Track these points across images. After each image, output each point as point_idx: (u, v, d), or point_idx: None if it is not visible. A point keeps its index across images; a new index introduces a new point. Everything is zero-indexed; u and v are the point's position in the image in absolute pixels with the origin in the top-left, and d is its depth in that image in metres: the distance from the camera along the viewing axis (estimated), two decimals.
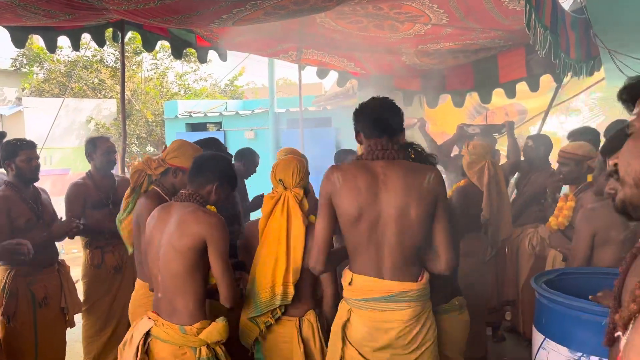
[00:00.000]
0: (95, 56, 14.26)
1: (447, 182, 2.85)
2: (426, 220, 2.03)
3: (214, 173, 2.26)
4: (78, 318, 3.56)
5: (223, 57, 4.57)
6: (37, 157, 3.20)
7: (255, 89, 18.10)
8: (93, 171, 3.74)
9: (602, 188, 2.42)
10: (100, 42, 4.01)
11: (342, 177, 2.04)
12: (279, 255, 2.27)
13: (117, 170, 4.15)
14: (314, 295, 2.38)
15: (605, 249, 2.42)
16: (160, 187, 2.64)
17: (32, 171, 3.14)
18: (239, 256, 2.62)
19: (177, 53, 4.29)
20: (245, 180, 4.21)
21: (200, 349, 2.09)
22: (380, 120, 2.08)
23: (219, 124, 10.28)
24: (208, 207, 2.25)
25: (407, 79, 5.51)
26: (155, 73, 15.09)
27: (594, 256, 2.46)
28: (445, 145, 4.66)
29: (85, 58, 13.70)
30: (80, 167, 10.07)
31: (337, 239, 2.57)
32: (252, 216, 4.16)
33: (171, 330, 2.11)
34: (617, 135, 1.98)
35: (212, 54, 4.51)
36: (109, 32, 4.10)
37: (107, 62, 14.65)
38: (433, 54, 4.61)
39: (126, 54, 9.79)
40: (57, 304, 3.23)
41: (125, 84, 5.16)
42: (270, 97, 9.18)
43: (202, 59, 4.51)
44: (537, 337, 2.17)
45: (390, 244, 2.01)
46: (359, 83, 5.75)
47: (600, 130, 3.80)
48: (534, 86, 4.80)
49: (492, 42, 4.29)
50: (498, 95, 5.34)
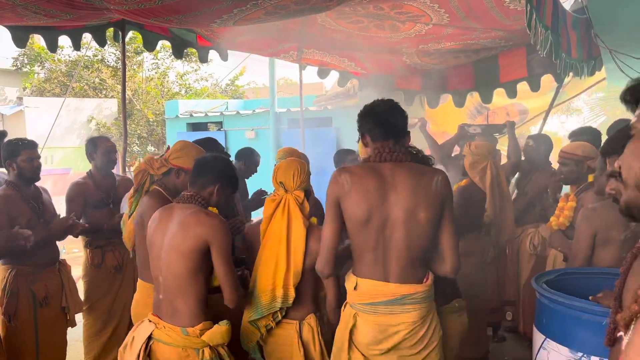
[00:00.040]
0: (96, 56, 14.29)
1: None
2: (434, 223, 2.02)
3: (215, 174, 2.26)
4: (79, 318, 3.56)
5: (224, 57, 4.58)
6: (39, 157, 3.20)
7: (256, 89, 18.10)
8: (94, 171, 3.74)
9: (603, 188, 2.40)
10: (101, 42, 4.02)
11: (351, 179, 2.02)
12: (279, 257, 2.26)
13: (118, 170, 4.15)
14: (315, 298, 2.37)
15: (606, 249, 2.41)
16: (163, 187, 2.63)
17: (34, 171, 3.14)
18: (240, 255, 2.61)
19: (178, 53, 4.29)
20: (246, 179, 4.21)
21: (203, 350, 2.09)
22: (388, 122, 2.08)
23: (219, 124, 10.28)
24: (210, 208, 2.24)
25: (408, 78, 5.50)
26: (156, 73, 15.11)
27: (595, 256, 2.45)
28: (446, 145, 4.65)
29: (86, 58, 13.72)
30: (81, 167, 10.07)
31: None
32: (251, 216, 4.17)
33: (173, 332, 2.11)
34: (617, 136, 1.98)
35: (213, 54, 4.51)
36: (109, 31, 4.10)
37: (108, 61, 14.68)
38: (434, 53, 4.60)
39: (127, 54, 9.78)
40: (58, 304, 3.23)
41: (126, 83, 5.16)
42: (271, 97, 9.17)
43: (203, 59, 4.51)
44: (538, 337, 2.16)
45: (397, 247, 2.00)
46: (360, 83, 5.74)
47: (602, 130, 3.79)
48: (535, 86, 4.79)
49: (493, 42, 4.28)
50: (499, 95, 5.34)
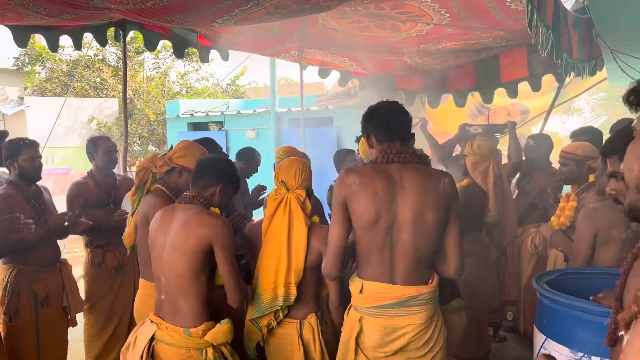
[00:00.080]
0: (97, 55, 14.31)
1: None
2: (441, 224, 2.02)
3: (217, 175, 2.27)
4: (80, 317, 3.56)
5: (225, 57, 4.58)
6: (40, 157, 3.21)
7: (256, 89, 18.11)
8: (94, 170, 3.74)
9: (604, 188, 2.40)
10: (102, 42, 4.03)
11: (359, 180, 2.02)
12: (281, 256, 2.27)
13: (118, 170, 4.15)
14: (316, 297, 2.37)
15: (607, 249, 2.41)
16: (165, 186, 2.64)
17: (35, 170, 3.15)
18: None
19: (179, 52, 4.29)
20: (246, 179, 4.21)
21: (206, 351, 2.09)
22: (394, 124, 2.08)
23: (220, 124, 10.29)
24: (212, 208, 2.25)
25: (408, 78, 5.50)
26: (157, 72, 15.13)
27: (595, 256, 2.45)
28: (446, 145, 4.65)
29: (87, 57, 13.74)
30: (82, 167, 10.08)
31: None
32: (252, 215, 4.17)
33: (175, 333, 2.11)
34: (617, 136, 1.98)
35: (213, 54, 4.51)
36: (110, 31, 4.11)
37: (109, 61, 14.69)
38: (435, 53, 4.60)
39: (128, 54, 9.79)
40: (59, 303, 3.23)
41: (127, 83, 5.16)
42: (272, 97, 9.18)
43: (204, 59, 4.51)
44: (539, 337, 2.16)
45: (405, 248, 1.99)
46: (361, 83, 5.74)
47: (603, 130, 3.78)
48: (536, 86, 4.79)
49: (494, 41, 4.28)
50: (500, 95, 5.33)
